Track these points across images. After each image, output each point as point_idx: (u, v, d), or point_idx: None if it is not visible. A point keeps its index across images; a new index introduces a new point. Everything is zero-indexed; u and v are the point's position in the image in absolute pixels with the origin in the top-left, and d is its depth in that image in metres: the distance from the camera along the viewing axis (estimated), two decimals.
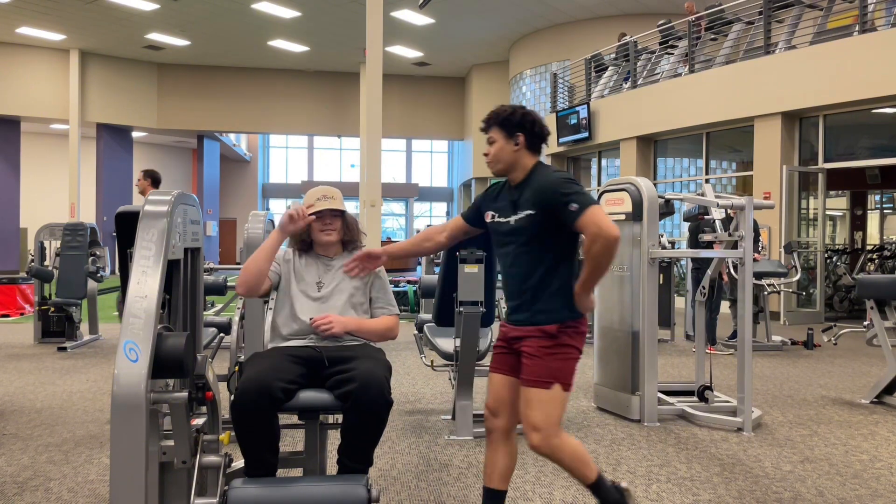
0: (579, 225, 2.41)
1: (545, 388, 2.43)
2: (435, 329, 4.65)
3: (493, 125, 2.59)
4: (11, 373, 6.20)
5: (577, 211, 2.40)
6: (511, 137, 2.56)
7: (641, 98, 13.12)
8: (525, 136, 2.56)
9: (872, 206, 14.93)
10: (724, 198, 4.85)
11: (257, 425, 2.49)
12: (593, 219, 2.39)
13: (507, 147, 2.57)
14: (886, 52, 9.12)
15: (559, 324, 2.48)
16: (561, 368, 2.46)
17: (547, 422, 2.43)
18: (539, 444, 2.44)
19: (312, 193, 2.97)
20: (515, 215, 2.54)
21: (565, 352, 2.48)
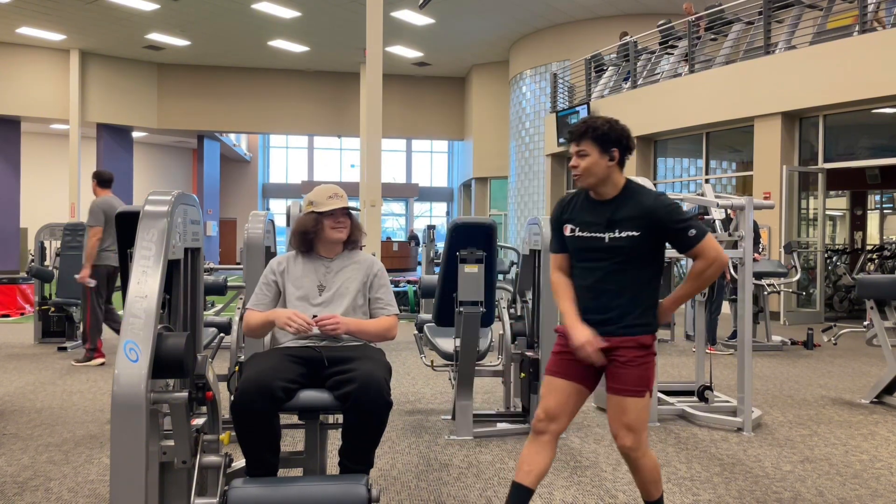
0: (698, 250, 2.53)
1: (640, 396, 2.55)
2: (435, 329, 4.65)
3: (587, 139, 2.55)
4: (11, 373, 6.21)
5: (695, 237, 2.52)
6: (606, 153, 2.54)
7: (641, 98, 13.12)
8: (619, 151, 2.56)
9: (872, 206, 14.93)
10: (723, 198, 4.85)
11: (257, 425, 2.49)
12: (712, 244, 2.54)
13: (602, 162, 2.55)
14: (886, 52, 9.12)
15: (650, 332, 2.59)
16: (650, 377, 2.59)
17: (641, 425, 2.57)
18: (633, 445, 2.55)
19: (322, 192, 2.96)
20: (611, 233, 2.55)
21: (652, 361, 2.61)
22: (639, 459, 2.57)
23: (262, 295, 2.93)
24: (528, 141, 17.87)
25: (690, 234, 2.52)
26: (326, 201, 2.92)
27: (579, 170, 2.57)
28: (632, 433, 2.54)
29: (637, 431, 2.55)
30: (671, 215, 2.52)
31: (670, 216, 2.52)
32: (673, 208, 2.55)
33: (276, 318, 2.78)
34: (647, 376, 2.56)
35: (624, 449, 2.56)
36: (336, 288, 2.91)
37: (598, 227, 2.57)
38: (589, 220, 2.59)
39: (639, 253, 2.54)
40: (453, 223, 4.07)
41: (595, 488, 3.37)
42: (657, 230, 2.53)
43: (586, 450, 3.99)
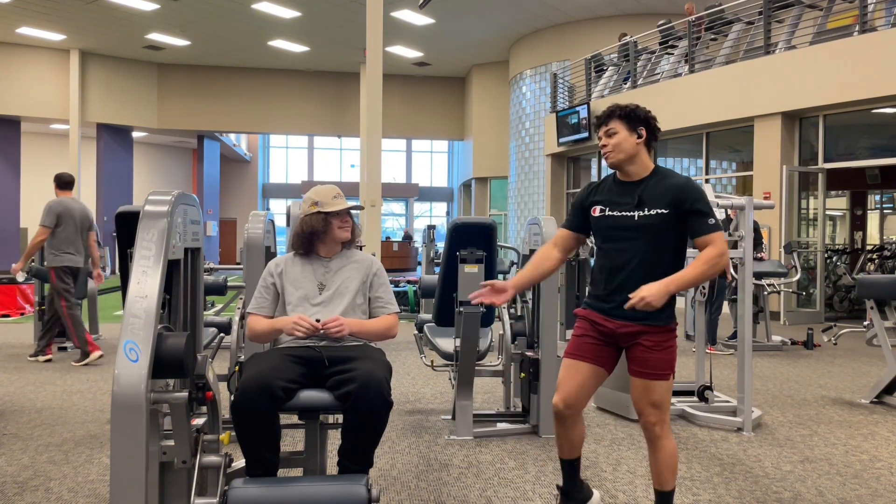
0: (712, 238, 2.57)
1: (665, 379, 2.65)
2: (435, 329, 4.65)
3: (615, 118, 2.69)
4: (11, 373, 6.21)
5: (714, 226, 2.59)
6: (634, 131, 2.68)
7: (641, 98, 13.08)
8: (646, 130, 2.70)
9: (872, 206, 14.93)
10: (724, 198, 4.85)
11: (258, 425, 2.49)
12: (723, 239, 2.60)
13: (630, 139, 2.67)
14: (886, 52, 9.12)
15: (674, 321, 2.67)
16: (674, 360, 2.68)
17: (666, 404, 2.66)
18: (657, 421, 2.64)
19: (326, 192, 2.97)
20: (641, 211, 2.62)
21: (675, 344, 2.69)
22: (661, 438, 2.66)
23: (261, 298, 2.94)
24: (528, 141, 17.87)
25: (710, 221, 2.58)
26: (332, 201, 2.94)
27: (609, 146, 2.67)
28: (657, 409, 2.65)
29: (662, 409, 2.65)
30: (698, 195, 2.60)
31: (696, 196, 2.60)
32: (701, 193, 2.63)
33: (282, 326, 2.79)
34: (671, 359, 2.66)
35: (649, 425, 2.66)
36: (336, 287, 2.91)
37: (627, 207, 2.64)
38: (619, 200, 2.66)
39: (667, 231, 2.60)
40: (453, 223, 4.07)
41: (595, 488, 3.36)
42: (684, 210, 2.58)
43: (586, 450, 3.99)
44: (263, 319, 2.89)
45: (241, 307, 4.44)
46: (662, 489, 2.70)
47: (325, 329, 2.74)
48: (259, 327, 2.86)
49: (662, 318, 2.61)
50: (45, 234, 6.48)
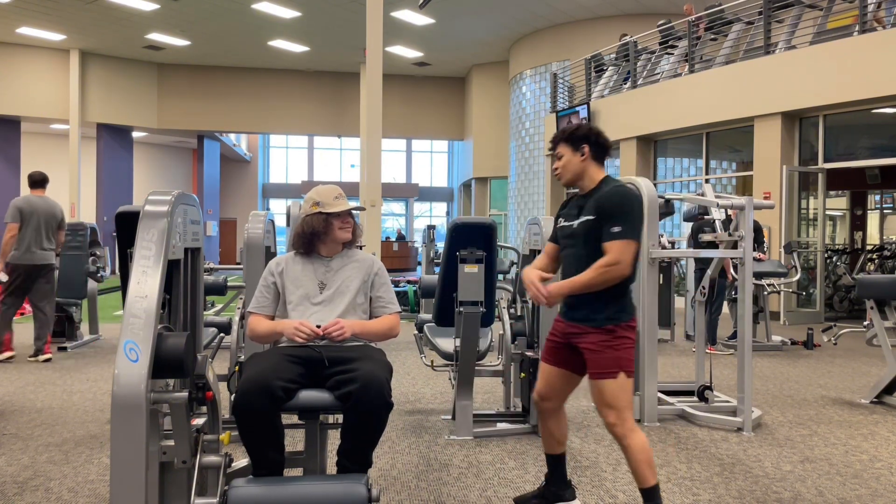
0: (609, 246, 2.68)
1: (612, 377, 2.69)
2: (435, 329, 4.65)
3: (560, 142, 2.87)
4: (11, 373, 6.21)
5: (616, 234, 2.67)
6: (577, 150, 2.84)
7: (641, 98, 13.11)
8: (589, 146, 2.83)
9: (872, 206, 14.93)
10: (724, 198, 4.85)
11: (258, 425, 2.49)
12: (625, 250, 2.67)
13: (574, 159, 2.84)
14: (886, 52, 9.12)
15: (614, 323, 2.73)
16: (621, 358, 2.71)
17: (621, 403, 2.70)
18: (615, 421, 2.69)
19: (327, 192, 2.98)
20: (578, 220, 2.81)
21: (623, 343, 2.73)
22: (625, 437, 2.69)
23: (262, 297, 2.94)
24: (528, 141, 17.87)
25: (614, 229, 2.68)
26: (333, 202, 2.95)
27: (559, 169, 2.89)
28: (613, 410, 2.70)
29: (618, 409, 2.69)
30: (613, 203, 2.71)
31: (612, 203, 2.71)
32: (622, 201, 2.71)
33: (283, 330, 2.78)
34: (615, 358, 2.70)
35: (608, 426, 2.72)
36: (337, 286, 2.91)
37: (573, 216, 2.86)
38: (571, 211, 2.89)
39: (595, 237, 2.73)
40: (453, 223, 4.07)
41: (595, 488, 3.37)
42: (601, 215, 2.72)
43: (586, 450, 3.99)
44: (265, 321, 2.89)
45: (241, 307, 4.44)
46: (644, 486, 2.70)
47: (325, 333, 2.74)
48: (260, 329, 2.86)
49: (598, 319, 2.72)
50: (12, 230, 6.55)
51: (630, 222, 2.69)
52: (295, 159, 30.97)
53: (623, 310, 2.75)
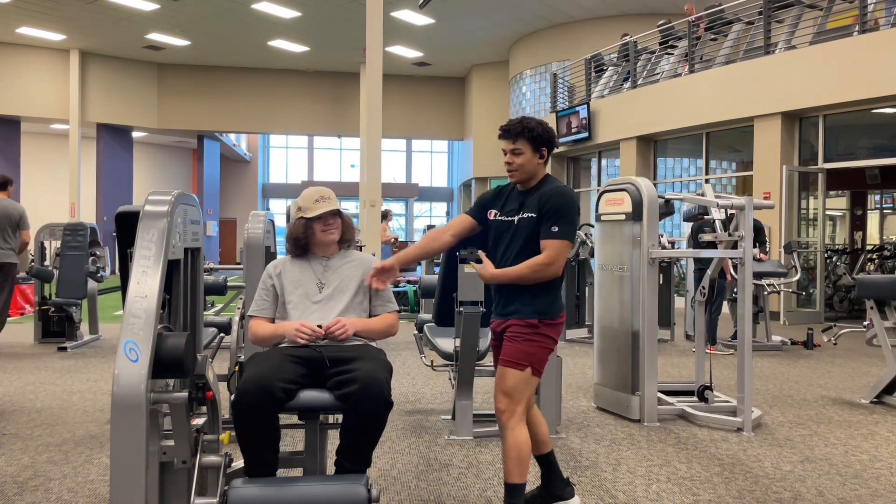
0: (546, 244, 2.71)
1: (519, 368, 2.73)
2: (435, 329, 4.65)
3: (523, 138, 2.81)
4: (11, 373, 6.21)
5: (555, 234, 2.71)
6: (537, 152, 2.83)
7: (641, 98, 13.11)
8: (547, 151, 2.85)
9: (872, 206, 14.93)
10: (724, 198, 4.85)
11: (257, 425, 2.49)
12: (561, 252, 2.71)
13: (534, 160, 2.83)
14: (886, 52, 9.12)
15: (539, 318, 2.76)
16: (534, 354, 2.75)
17: (518, 395, 2.73)
18: (504, 408, 2.73)
19: (309, 196, 2.98)
20: (519, 215, 2.81)
21: (540, 341, 2.76)
22: (507, 429, 2.73)
23: (262, 300, 2.94)
24: None
25: (553, 229, 2.71)
26: (313, 205, 2.94)
27: (514, 166, 2.83)
28: (507, 398, 2.73)
29: (512, 398, 2.73)
30: (556, 203, 2.73)
31: (556, 202, 2.74)
32: (564, 202, 2.75)
33: (284, 332, 2.79)
34: (529, 352, 2.73)
35: (497, 412, 2.76)
36: (335, 285, 2.92)
37: (512, 212, 2.85)
38: (510, 206, 2.88)
39: (536, 233, 2.76)
40: None
41: (595, 488, 3.37)
42: (542, 212, 2.75)
43: (586, 450, 4.00)
44: (266, 324, 2.89)
45: (242, 307, 4.43)
46: (508, 481, 2.73)
47: (328, 332, 2.75)
48: (262, 332, 2.87)
49: (525, 312, 2.77)
50: None
51: (569, 224, 2.74)
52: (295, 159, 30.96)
53: (551, 307, 2.78)
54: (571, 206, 2.76)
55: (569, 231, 2.74)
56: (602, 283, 4.99)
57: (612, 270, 4.83)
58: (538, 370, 2.76)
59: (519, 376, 2.73)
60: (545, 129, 2.84)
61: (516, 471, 2.71)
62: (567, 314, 8.22)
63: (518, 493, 2.73)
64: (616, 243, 4.81)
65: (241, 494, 2.35)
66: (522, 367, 2.73)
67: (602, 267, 4.98)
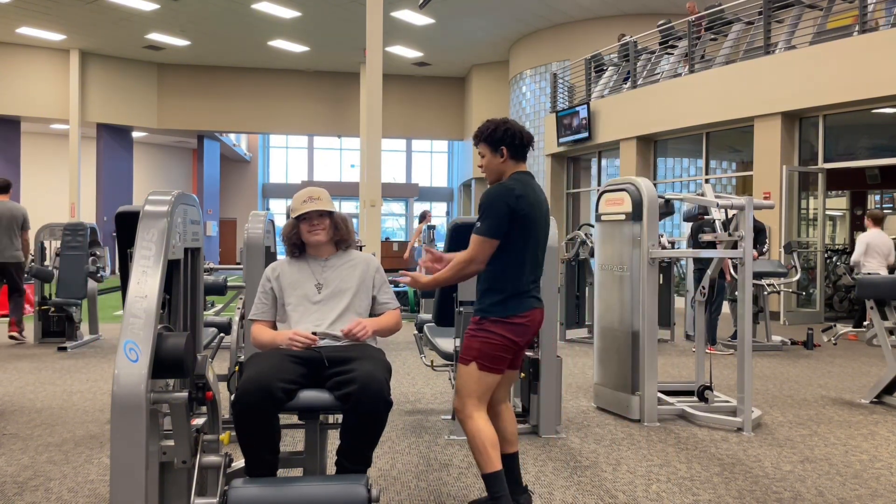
0: (471, 240, 2.79)
1: (463, 363, 2.83)
2: (435, 329, 4.65)
3: (482, 141, 2.91)
4: (11, 373, 6.21)
5: (476, 229, 2.78)
6: (496, 151, 2.88)
7: (641, 98, 13.11)
8: (507, 148, 2.87)
9: (872, 206, 14.92)
10: (724, 198, 4.85)
11: (257, 425, 2.49)
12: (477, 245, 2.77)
13: (495, 159, 2.89)
14: (886, 52, 9.12)
15: (482, 315, 2.82)
16: (479, 349, 2.79)
17: (464, 390, 2.81)
18: (457, 406, 2.85)
19: (299, 196, 2.98)
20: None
21: (484, 336, 2.80)
22: (463, 422, 2.81)
23: (261, 304, 2.95)
24: None
25: (476, 225, 2.79)
26: (301, 206, 2.94)
27: (483, 168, 2.96)
28: (457, 394, 2.86)
29: (461, 394, 2.82)
30: (482, 200, 2.80)
31: (481, 200, 2.80)
32: (485, 197, 2.79)
33: (281, 342, 2.79)
34: (473, 347, 2.80)
35: (454, 408, 2.90)
36: (334, 286, 2.92)
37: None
38: None
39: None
40: (453, 223, 4.07)
41: (595, 488, 3.37)
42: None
43: (586, 450, 4.00)
44: (266, 330, 2.90)
45: (242, 307, 4.43)
46: (483, 472, 2.77)
47: (349, 334, 2.77)
48: (262, 339, 2.88)
49: (476, 309, 2.87)
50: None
51: (488, 219, 2.75)
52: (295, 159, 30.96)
53: (497, 304, 2.79)
54: (493, 202, 2.76)
55: (487, 227, 2.75)
56: (602, 283, 5.00)
57: (612, 270, 4.83)
58: (485, 365, 2.77)
59: (463, 370, 2.81)
60: (500, 127, 2.87)
61: (484, 460, 2.74)
62: (567, 314, 8.31)
63: (495, 481, 2.74)
64: (616, 243, 4.81)
65: (241, 494, 2.35)
66: (466, 362, 2.80)
67: (602, 267, 4.98)
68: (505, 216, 2.75)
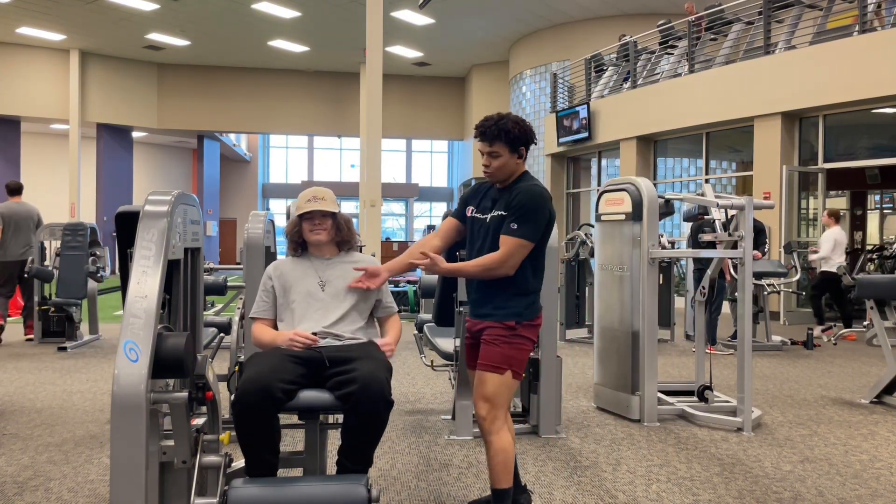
0: (504, 241, 2.64)
1: (499, 372, 2.68)
2: (435, 329, 4.65)
3: (500, 141, 2.71)
4: (11, 373, 6.21)
5: (512, 231, 2.63)
6: (515, 152, 2.74)
7: (641, 98, 13.11)
8: (525, 149, 2.77)
9: (872, 206, 14.93)
10: (723, 198, 4.85)
11: (257, 425, 2.49)
12: (514, 251, 2.63)
13: (511, 161, 2.75)
14: (886, 52, 9.12)
15: (516, 320, 2.69)
16: (514, 357, 2.69)
17: (499, 400, 2.69)
18: (486, 415, 2.69)
19: (304, 195, 2.98)
20: (492, 213, 2.74)
21: (519, 343, 2.70)
22: (491, 434, 2.68)
23: (262, 302, 2.95)
24: None
25: (512, 226, 2.64)
26: (305, 204, 2.93)
27: (491, 169, 2.76)
28: (487, 403, 2.68)
29: (493, 403, 2.67)
30: (521, 201, 2.66)
31: (518, 200, 2.66)
32: (528, 199, 2.66)
33: (281, 342, 2.79)
34: (509, 355, 2.67)
35: (478, 417, 2.72)
36: (338, 285, 2.92)
37: (486, 209, 2.79)
38: (487, 204, 2.81)
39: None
40: None
41: (595, 488, 3.37)
42: (509, 210, 2.67)
43: (586, 450, 4.00)
44: (267, 331, 2.90)
45: (242, 307, 4.43)
46: (495, 486, 2.73)
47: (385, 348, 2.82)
48: (263, 339, 2.87)
49: (500, 314, 2.70)
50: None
51: (531, 223, 2.65)
52: (295, 159, 30.96)
53: (528, 308, 2.72)
54: (538, 207, 2.67)
55: (528, 231, 2.64)
56: (602, 283, 4.99)
57: (612, 270, 4.83)
58: (518, 373, 2.70)
59: (499, 380, 2.67)
60: (522, 128, 2.74)
61: (503, 476, 2.70)
62: (567, 314, 8.31)
63: (506, 497, 2.73)
64: (616, 243, 4.81)
65: (241, 494, 2.35)
66: (502, 371, 2.67)
67: (602, 267, 4.98)
68: (544, 221, 2.70)
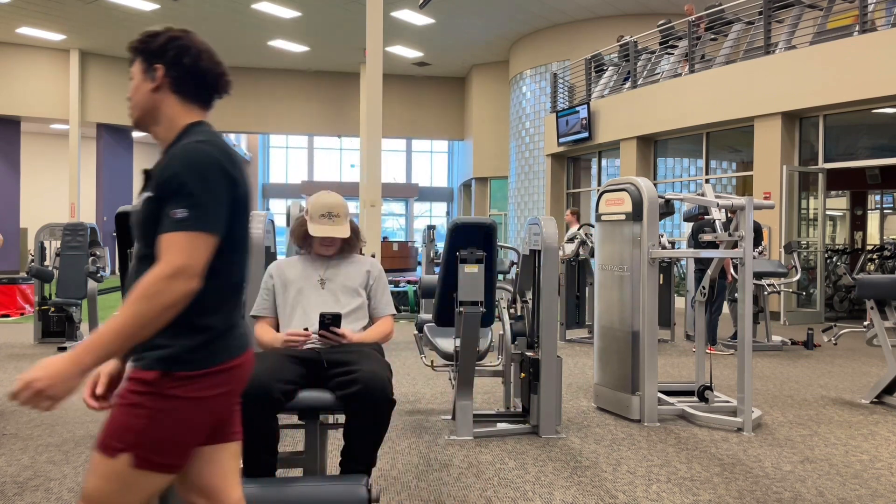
0: (164, 240, 1.54)
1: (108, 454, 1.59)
2: (435, 329, 4.64)
3: (137, 56, 1.73)
4: (11, 373, 6.21)
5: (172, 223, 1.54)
6: (149, 71, 1.71)
7: (641, 98, 13.11)
8: (166, 69, 1.69)
9: (872, 206, 14.93)
10: (724, 198, 4.85)
11: (256, 427, 2.49)
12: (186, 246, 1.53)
13: (143, 86, 1.72)
14: (886, 52, 9.12)
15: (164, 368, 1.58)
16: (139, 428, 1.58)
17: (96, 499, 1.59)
18: None
19: (318, 206, 2.92)
20: (141, 195, 1.68)
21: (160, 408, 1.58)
22: None
23: (262, 300, 2.96)
24: (527, 141, 17.87)
25: (176, 214, 1.54)
26: (318, 220, 2.90)
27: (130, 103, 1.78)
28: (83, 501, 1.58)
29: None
30: (171, 171, 1.58)
31: (169, 171, 1.58)
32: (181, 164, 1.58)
33: (277, 345, 2.81)
34: (129, 426, 1.55)
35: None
36: (338, 283, 2.93)
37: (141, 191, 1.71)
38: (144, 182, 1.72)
39: (155, 229, 1.58)
40: (453, 223, 4.07)
41: (595, 488, 3.37)
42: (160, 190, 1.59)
43: (586, 450, 3.99)
44: (268, 331, 2.91)
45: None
46: None
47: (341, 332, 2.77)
48: (263, 339, 2.89)
49: (145, 357, 1.59)
50: None
51: (200, 202, 1.55)
52: (295, 159, 30.97)
53: (201, 347, 1.60)
54: (199, 172, 1.57)
55: (200, 214, 1.54)
56: (602, 283, 4.99)
57: (612, 270, 4.83)
58: (151, 460, 1.54)
59: (105, 468, 1.55)
60: (165, 35, 1.71)
61: None
62: (567, 314, 8.31)
63: None
64: (616, 243, 4.81)
65: None
66: (113, 453, 1.54)
67: (602, 267, 4.98)
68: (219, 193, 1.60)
